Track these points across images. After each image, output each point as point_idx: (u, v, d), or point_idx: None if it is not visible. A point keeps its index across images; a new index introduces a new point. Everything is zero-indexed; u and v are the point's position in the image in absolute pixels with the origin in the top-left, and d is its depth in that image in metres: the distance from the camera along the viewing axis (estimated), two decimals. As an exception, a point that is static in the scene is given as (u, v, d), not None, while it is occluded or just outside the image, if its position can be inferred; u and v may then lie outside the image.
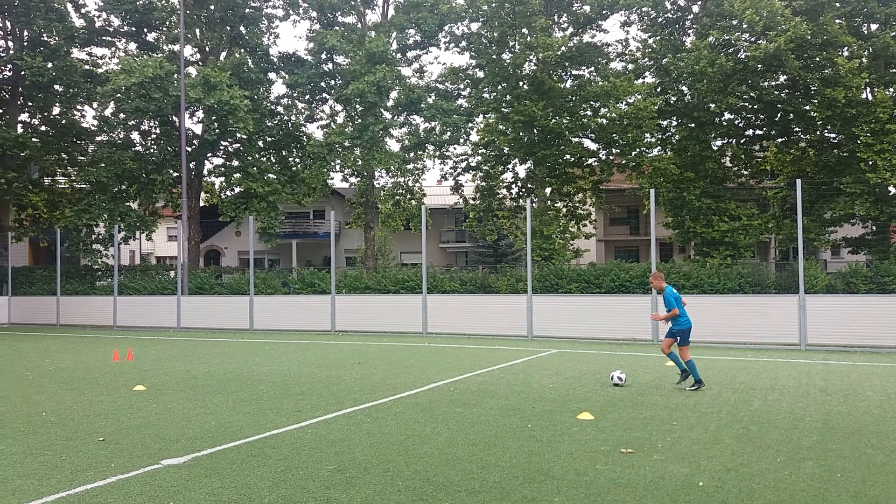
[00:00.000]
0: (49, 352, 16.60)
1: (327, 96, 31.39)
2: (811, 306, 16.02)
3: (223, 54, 31.57)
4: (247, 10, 30.23)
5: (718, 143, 28.18)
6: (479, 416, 8.15)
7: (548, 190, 29.19)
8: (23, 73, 28.93)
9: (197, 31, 30.51)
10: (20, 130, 30.60)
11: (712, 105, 25.43)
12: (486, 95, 29.51)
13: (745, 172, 28.69)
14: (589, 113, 27.39)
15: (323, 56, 30.11)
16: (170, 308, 24.14)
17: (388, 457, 6.39)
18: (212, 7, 29.95)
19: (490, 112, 29.39)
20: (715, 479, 5.68)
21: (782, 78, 25.66)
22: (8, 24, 30.47)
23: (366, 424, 7.79)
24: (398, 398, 9.50)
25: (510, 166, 30.67)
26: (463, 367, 12.66)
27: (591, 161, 29.01)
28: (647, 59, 28.27)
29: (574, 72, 28.72)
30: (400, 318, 20.55)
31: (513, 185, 30.92)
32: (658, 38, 27.74)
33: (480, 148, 30.54)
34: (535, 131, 27.15)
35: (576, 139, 27.84)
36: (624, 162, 27.38)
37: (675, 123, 28.31)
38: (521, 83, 27.71)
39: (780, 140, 27.85)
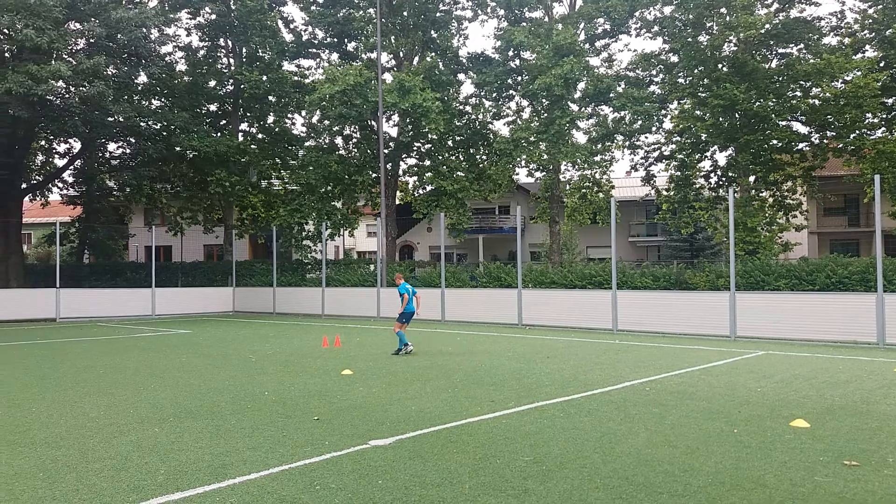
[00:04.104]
0: (268, 337, 18.37)
1: (514, 93, 31.66)
2: None
3: (416, 59, 32.98)
4: (437, 14, 31.32)
5: (959, 120, 24.68)
6: (679, 419, 7.78)
7: (752, 178, 27.25)
8: (242, 86, 32.29)
9: (392, 38, 32.14)
10: (241, 139, 34.17)
11: (951, 77, 22.26)
12: (680, 80, 28.18)
13: None
14: (799, 94, 25.25)
15: (510, 53, 30.40)
16: (370, 299, 25.73)
17: (584, 453, 6.31)
18: (405, 14, 31.40)
19: (685, 97, 28.00)
20: (965, 503, 4.96)
21: None
22: (230, 43, 34.13)
23: (559, 419, 7.75)
24: (591, 395, 9.34)
25: (708, 154, 29.03)
26: (658, 367, 12.17)
27: (801, 146, 26.73)
28: (867, 32, 25.45)
29: (780, 50, 26.55)
30: (588, 313, 20.21)
31: (711, 174, 29.25)
32: (881, 6, 24.79)
33: (675, 136, 29.23)
34: (737, 116, 25.45)
35: (783, 122, 25.74)
36: (841, 146, 24.96)
37: (902, 101, 25.22)
38: (720, 65, 26.10)
39: None
